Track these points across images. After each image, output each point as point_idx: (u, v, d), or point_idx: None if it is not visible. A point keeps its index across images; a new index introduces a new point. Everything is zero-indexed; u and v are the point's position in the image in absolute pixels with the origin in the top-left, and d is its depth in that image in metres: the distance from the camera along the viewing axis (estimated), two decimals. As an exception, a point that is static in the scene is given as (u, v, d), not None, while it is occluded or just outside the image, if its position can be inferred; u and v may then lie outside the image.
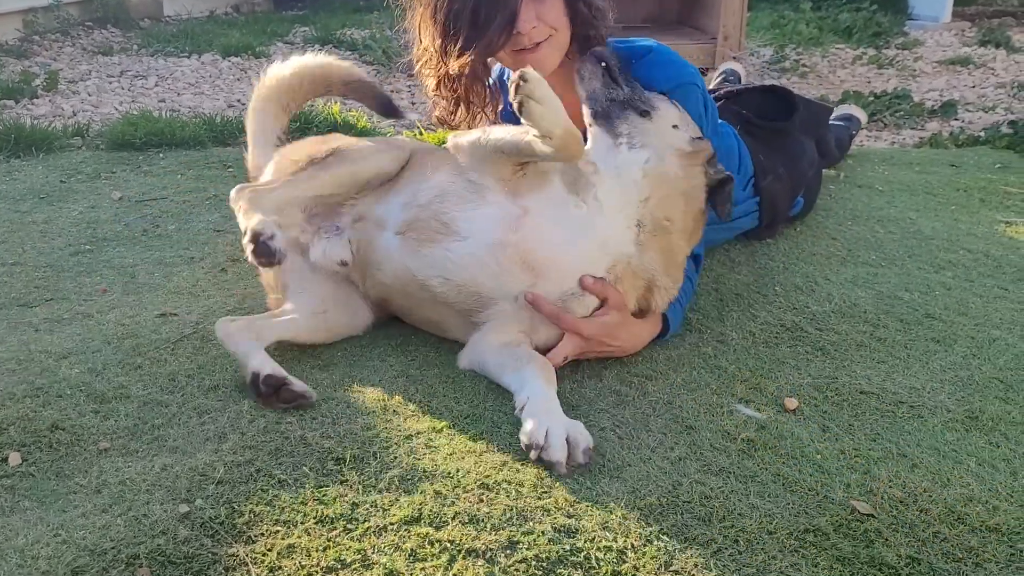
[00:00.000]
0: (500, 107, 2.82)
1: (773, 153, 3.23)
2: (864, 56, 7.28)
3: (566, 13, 2.55)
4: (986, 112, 5.63)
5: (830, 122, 4.60)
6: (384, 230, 2.41)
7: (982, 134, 5.02)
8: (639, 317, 2.39)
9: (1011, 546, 1.71)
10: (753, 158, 3.11)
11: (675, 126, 2.43)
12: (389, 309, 2.56)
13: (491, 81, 2.77)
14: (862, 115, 5.00)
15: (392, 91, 6.08)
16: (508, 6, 2.43)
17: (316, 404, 2.16)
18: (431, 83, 2.71)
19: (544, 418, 1.99)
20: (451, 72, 2.59)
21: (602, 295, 2.29)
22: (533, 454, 1.93)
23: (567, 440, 1.94)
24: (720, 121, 2.99)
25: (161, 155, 4.36)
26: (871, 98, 5.63)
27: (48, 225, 3.40)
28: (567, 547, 1.69)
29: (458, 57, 2.53)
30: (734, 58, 6.22)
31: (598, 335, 2.30)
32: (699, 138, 2.46)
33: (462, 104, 2.72)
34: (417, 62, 2.71)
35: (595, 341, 2.31)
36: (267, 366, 2.17)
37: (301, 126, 4.50)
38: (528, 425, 1.98)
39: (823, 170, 3.86)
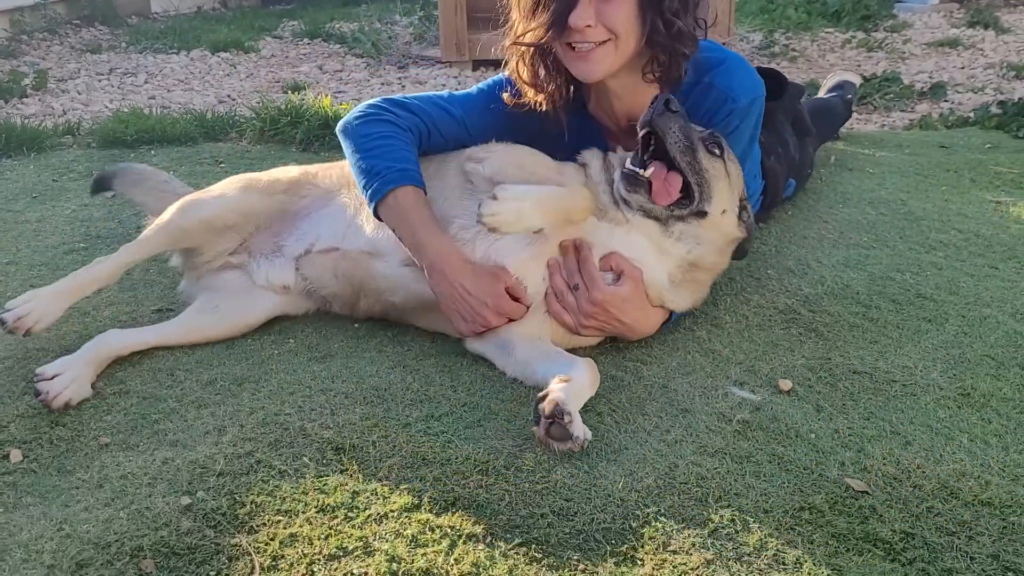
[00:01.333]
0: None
1: (768, 134, 3.24)
2: (853, 40, 7.30)
3: (639, 22, 2.36)
4: (975, 93, 5.65)
5: (825, 96, 4.61)
6: (381, 260, 2.47)
7: (972, 115, 5.03)
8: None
9: (1003, 519, 1.73)
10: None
11: (724, 211, 2.39)
12: (385, 317, 2.60)
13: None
14: (854, 77, 4.97)
15: (382, 83, 6.08)
16: None
17: (315, 395, 2.18)
18: (512, 62, 2.57)
19: (578, 402, 2.03)
20: (519, 46, 2.48)
21: (618, 269, 2.33)
22: (564, 419, 1.93)
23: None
24: None
25: (153, 152, 4.36)
26: (860, 81, 5.64)
27: (41, 224, 3.40)
28: (566, 530, 1.71)
29: (520, 37, 2.44)
30: (723, 43, 6.22)
31: (610, 301, 2.30)
32: (743, 202, 2.49)
33: (531, 87, 2.56)
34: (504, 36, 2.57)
35: (606, 311, 2.31)
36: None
37: (292, 120, 4.50)
38: (562, 394, 1.99)
39: (816, 150, 3.88)
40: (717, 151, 2.36)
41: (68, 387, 2.15)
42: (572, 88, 2.58)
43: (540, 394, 2.01)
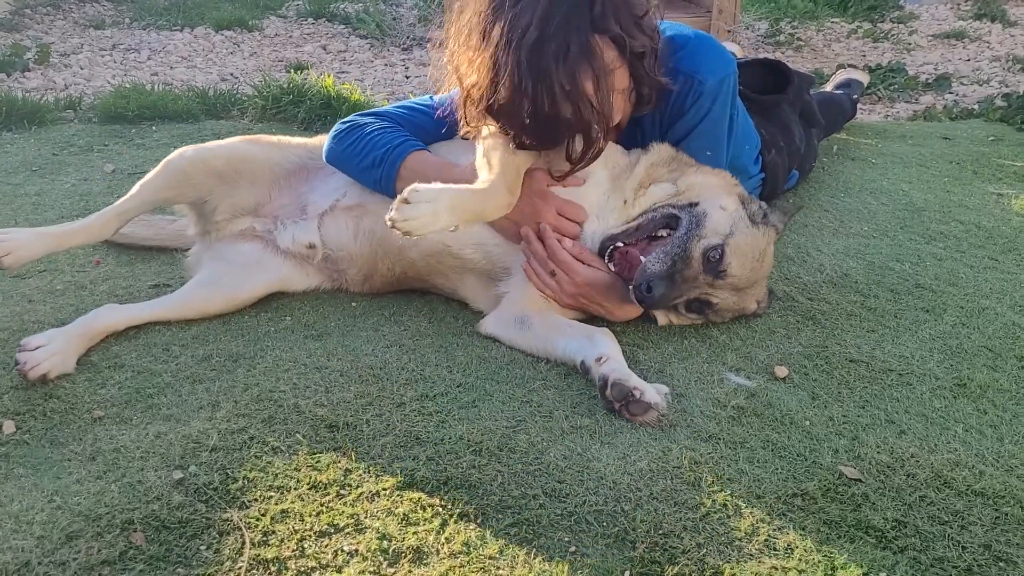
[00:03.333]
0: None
1: (770, 126, 3.22)
2: (859, 30, 7.26)
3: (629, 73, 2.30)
4: (980, 85, 5.62)
5: (832, 91, 4.59)
6: None
7: (976, 107, 5.01)
8: None
9: (996, 509, 1.73)
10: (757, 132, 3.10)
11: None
12: (400, 285, 2.61)
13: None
14: (862, 76, 4.97)
15: (386, 64, 6.06)
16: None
17: (310, 372, 2.17)
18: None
19: (629, 373, 2.06)
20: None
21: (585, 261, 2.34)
22: (635, 394, 1.98)
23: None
24: None
25: (154, 128, 4.34)
26: (864, 69, 5.61)
27: (40, 198, 3.39)
28: (558, 511, 1.71)
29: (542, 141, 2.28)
30: (728, 31, 6.19)
31: (592, 284, 2.33)
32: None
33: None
34: (463, 98, 2.31)
35: (589, 294, 2.35)
36: None
37: (295, 99, 4.48)
38: (617, 374, 2.04)
39: (820, 142, 3.85)
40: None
41: (48, 359, 2.13)
42: None
43: (599, 384, 2.06)
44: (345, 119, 2.59)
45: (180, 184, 2.57)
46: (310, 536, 1.65)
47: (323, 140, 2.66)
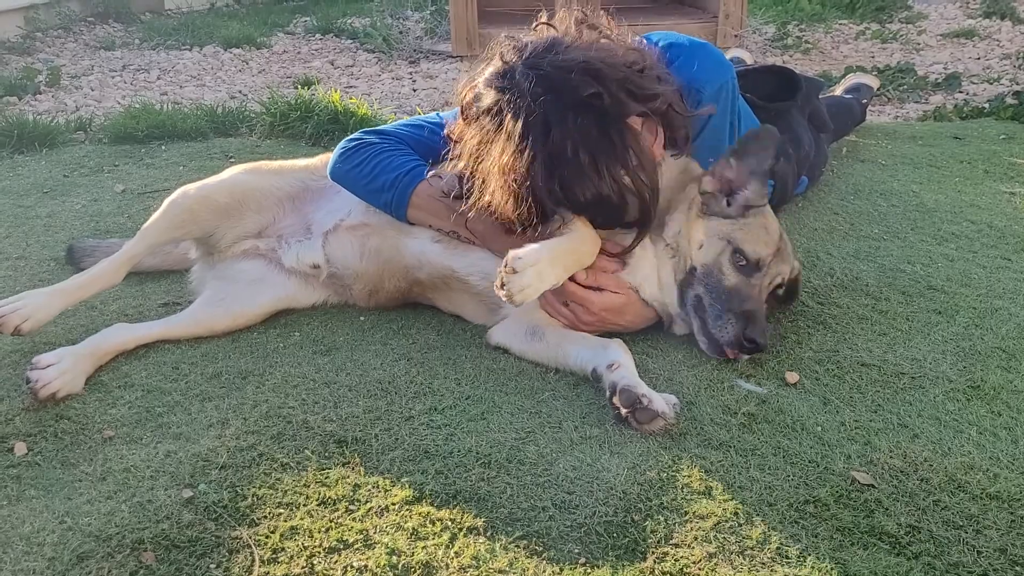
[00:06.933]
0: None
1: (779, 134, 3.19)
2: (867, 31, 7.24)
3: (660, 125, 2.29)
4: (991, 83, 5.59)
5: (841, 96, 4.57)
6: (412, 236, 2.50)
7: (986, 106, 4.98)
8: None
9: (1011, 512, 1.71)
10: None
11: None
12: (405, 299, 2.62)
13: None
14: (872, 81, 4.96)
15: (393, 78, 6.08)
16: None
17: (319, 388, 2.17)
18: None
19: (638, 381, 2.06)
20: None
21: (603, 288, 2.33)
22: (643, 402, 1.97)
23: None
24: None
25: (163, 147, 4.37)
26: (874, 73, 5.60)
27: (52, 219, 3.41)
28: (568, 523, 1.70)
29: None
30: (736, 35, 6.19)
31: (609, 310, 2.33)
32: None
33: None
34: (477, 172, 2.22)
35: (604, 319, 2.35)
36: None
37: (302, 115, 4.50)
38: (626, 381, 2.03)
39: (829, 145, 3.83)
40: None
41: (58, 378, 2.14)
42: None
43: (607, 391, 2.05)
44: (351, 137, 2.59)
45: (186, 224, 2.59)
46: (319, 552, 1.65)
47: (324, 159, 2.67)
